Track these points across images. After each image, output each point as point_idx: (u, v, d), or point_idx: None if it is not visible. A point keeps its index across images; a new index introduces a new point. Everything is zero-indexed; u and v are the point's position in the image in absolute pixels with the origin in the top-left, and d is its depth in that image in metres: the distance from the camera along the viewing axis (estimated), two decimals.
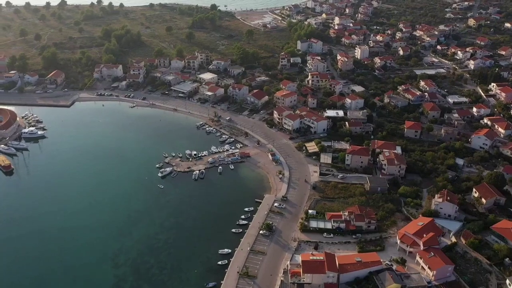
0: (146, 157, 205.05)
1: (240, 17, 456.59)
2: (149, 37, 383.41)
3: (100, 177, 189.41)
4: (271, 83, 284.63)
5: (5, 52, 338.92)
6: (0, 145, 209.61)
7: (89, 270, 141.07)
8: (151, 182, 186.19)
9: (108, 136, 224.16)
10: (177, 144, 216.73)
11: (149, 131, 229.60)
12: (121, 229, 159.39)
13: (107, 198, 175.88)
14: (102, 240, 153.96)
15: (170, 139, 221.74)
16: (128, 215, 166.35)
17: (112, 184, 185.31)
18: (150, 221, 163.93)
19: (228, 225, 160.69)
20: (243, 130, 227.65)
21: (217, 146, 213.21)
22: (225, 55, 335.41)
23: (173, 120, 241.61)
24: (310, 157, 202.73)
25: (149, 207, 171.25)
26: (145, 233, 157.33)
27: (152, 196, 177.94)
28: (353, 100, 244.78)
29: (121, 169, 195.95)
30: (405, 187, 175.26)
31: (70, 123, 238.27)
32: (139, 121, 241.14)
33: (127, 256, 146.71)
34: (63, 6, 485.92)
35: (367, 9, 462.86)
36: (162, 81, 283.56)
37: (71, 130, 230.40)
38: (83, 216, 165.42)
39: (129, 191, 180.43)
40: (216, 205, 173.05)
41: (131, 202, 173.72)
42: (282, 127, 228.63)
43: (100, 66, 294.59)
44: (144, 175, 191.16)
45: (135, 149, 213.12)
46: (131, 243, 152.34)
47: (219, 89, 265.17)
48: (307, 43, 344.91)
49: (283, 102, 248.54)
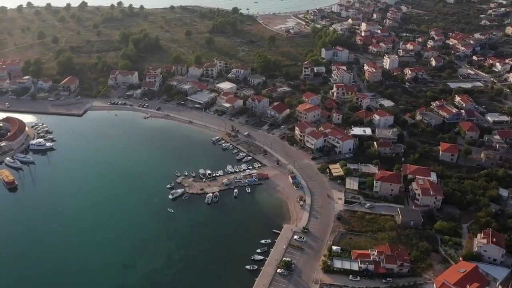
0: (157, 176, 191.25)
1: (262, 21, 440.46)
2: (167, 41, 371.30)
3: (107, 198, 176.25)
4: (293, 94, 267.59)
5: (21, 56, 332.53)
6: (6, 158, 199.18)
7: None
8: (160, 205, 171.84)
9: (119, 151, 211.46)
10: (191, 161, 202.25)
11: (162, 146, 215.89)
12: (126, 260, 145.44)
13: (113, 223, 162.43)
14: (104, 272, 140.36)
15: (184, 155, 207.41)
16: (134, 244, 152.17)
17: (119, 206, 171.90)
18: (157, 252, 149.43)
19: (242, 260, 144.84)
20: (261, 148, 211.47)
21: (233, 165, 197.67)
22: (245, 63, 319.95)
23: (187, 134, 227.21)
24: (334, 181, 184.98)
25: (157, 235, 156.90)
26: (151, 267, 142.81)
27: (160, 222, 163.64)
28: (382, 117, 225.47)
29: (130, 188, 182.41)
30: (442, 222, 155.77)
31: (80, 134, 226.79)
32: (152, 134, 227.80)
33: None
34: (83, 7, 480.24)
35: (396, 14, 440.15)
36: (178, 90, 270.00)
37: (81, 142, 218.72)
38: (85, 243, 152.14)
39: (137, 215, 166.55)
40: (229, 235, 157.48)
41: (138, 229, 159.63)
42: (304, 145, 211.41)
43: (115, 73, 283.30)
44: (154, 196, 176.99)
45: (146, 165, 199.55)
46: (135, 279, 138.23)
47: (238, 101, 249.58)
48: (332, 51, 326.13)
49: (305, 117, 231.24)
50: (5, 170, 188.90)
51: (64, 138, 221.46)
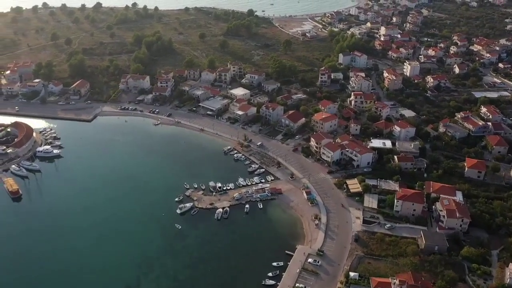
0: (165, 187, 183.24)
1: (278, 24, 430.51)
2: (181, 44, 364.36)
3: (113, 211, 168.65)
4: (308, 102, 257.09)
5: (34, 57, 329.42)
6: (12, 166, 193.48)
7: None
8: (168, 220, 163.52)
9: (127, 159, 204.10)
10: (201, 172, 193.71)
11: (171, 155, 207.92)
12: (129, 281, 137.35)
13: (117, 240, 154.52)
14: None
15: (194, 165, 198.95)
16: (138, 262, 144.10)
17: (125, 220, 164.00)
18: (163, 272, 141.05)
19: (253, 285, 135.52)
20: (275, 159, 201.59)
21: (245, 178, 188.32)
22: (260, 67, 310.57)
23: (198, 142, 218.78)
24: (351, 198, 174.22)
25: (163, 253, 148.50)
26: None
27: (167, 239, 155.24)
28: (403, 129, 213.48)
29: (137, 201, 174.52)
30: (470, 248, 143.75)
31: (88, 141, 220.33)
32: (162, 142, 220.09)
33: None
34: (98, 8, 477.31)
35: (417, 18, 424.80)
36: (190, 95, 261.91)
37: (89, 149, 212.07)
38: (87, 260, 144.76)
39: (143, 231, 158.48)
40: (239, 256, 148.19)
41: (144, 246, 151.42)
42: (320, 157, 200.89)
43: (126, 77, 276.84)
44: (161, 210, 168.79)
45: (155, 176, 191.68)
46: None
47: (251, 108, 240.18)
48: (350, 57, 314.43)
49: (321, 126, 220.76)
50: (10, 178, 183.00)
51: (72, 145, 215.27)
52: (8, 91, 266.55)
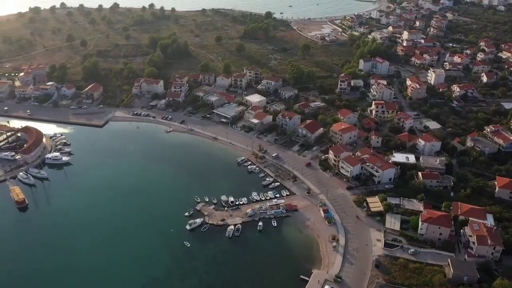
0: (175, 200, 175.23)
1: (296, 27, 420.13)
2: (197, 47, 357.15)
3: (121, 225, 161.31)
4: (327, 110, 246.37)
5: (49, 59, 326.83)
6: (19, 173, 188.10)
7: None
8: (176, 237, 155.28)
9: (137, 169, 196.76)
10: (213, 184, 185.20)
11: (183, 165, 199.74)
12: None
13: (122, 254, 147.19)
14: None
15: (206, 177, 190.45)
16: (143, 284, 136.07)
17: (131, 234, 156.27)
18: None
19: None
20: (291, 173, 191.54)
21: (259, 192, 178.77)
22: (277, 72, 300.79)
23: (211, 152, 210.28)
24: (372, 218, 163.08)
25: (170, 274, 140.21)
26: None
27: (175, 258, 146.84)
28: (428, 142, 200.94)
29: (145, 214, 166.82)
30: (503, 280, 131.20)
31: (99, 148, 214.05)
32: (173, 151, 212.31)
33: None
34: (115, 9, 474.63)
35: (441, 22, 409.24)
36: (204, 101, 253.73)
37: (99, 157, 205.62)
38: (90, 279, 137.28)
39: (150, 248, 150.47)
40: (251, 279, 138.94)
41: (150, 264, 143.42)
42: (339, 171, 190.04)
43: (140, 81, 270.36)
44: (170, 226, 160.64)
45: (165, 187, 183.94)
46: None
47: (267, 116, 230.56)
48: (371, 63, 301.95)
49: (340, 138, 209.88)
50: (17, 187, 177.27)
51: (82, 152, 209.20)
52: (21, 93, 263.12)
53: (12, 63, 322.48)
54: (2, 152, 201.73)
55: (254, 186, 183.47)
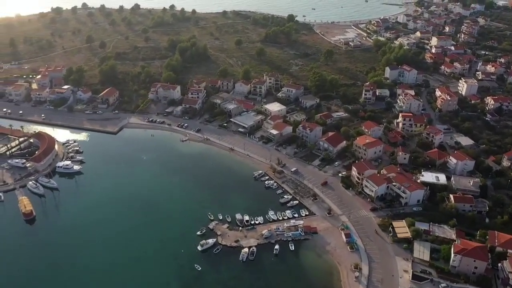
0: (187, 216, 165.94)
1: (319, 31, 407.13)
2: (216, 50, 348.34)
3: (129, 243, 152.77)
4: (350, 122, 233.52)
5: (67, 61, 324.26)
6: (29, 182, 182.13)
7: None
8: (187, 259, 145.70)
9: (149, 181, 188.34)
10: (228, 200, 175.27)
11: (197, 177, 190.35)
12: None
13: (129, 276, 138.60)
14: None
15: (220, 191, 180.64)
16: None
17: (140, 254, 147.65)
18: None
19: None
20: (311, 190, 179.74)
21: (276, 211, 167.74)
22: (298, 79, 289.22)
23: (227, 164, 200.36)
24: (399, 244, 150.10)
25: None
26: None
27: (185, 283, 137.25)
28: (460, 161, 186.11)
29: (156, 231, 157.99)
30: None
31: (111, 156, 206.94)
32: (188, 162, 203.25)
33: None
34: (136, 10, 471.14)
35: (472, 28, 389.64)
36: (222, 109, 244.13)
37: (111, 166, 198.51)
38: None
39: (159, 270, 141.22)
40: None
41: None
42: (362, 190, 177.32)
43: (156, 86, 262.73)
44: (181, 245, 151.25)
45: (178, 202, 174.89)
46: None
47: (286, 127, 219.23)
48: (398, 71, 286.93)
49: (364, 153, 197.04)
50: (25, 198, 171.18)
51: (94, 160, 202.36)
52: (37, 97, 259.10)
53: (31, 64, 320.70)
54: (14, 159, 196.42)
55: (271, 204, 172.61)
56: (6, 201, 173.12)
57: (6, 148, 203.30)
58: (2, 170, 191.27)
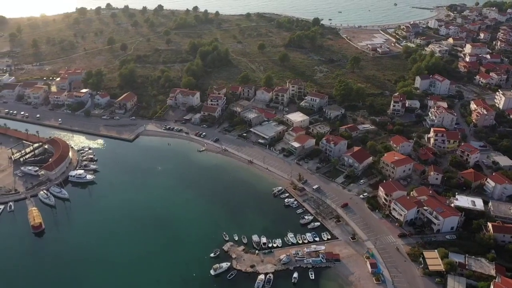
0: (201, 236, 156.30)
1: (345, 35, 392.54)
2: (238, 54, 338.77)
3: (138, 261, 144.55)
4: (377, 135, 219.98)
5: (88, 63, 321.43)
6: (40, 191, 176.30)
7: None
8: (199, 283, 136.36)
9: (163, 194, 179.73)
10: (244, 218, 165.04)
11: (213, 192, 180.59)
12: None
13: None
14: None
15: (237, 208, 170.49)
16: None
17: (149, 276, 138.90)
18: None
19: None
20: (334, 211, 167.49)
21: (296, 233, 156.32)
22: (322, 87, 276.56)
23: (245, 178, 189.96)
24: (430, 278, 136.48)
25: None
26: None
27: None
28: (499, 184, 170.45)
29: (167, 251, 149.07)
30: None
31: (126, 165, 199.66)
32: (204, 174, 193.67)
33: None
34: (159, 12, 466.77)
35: (509, 34, 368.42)
36: (242, 118, 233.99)
37: (124, 176, 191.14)
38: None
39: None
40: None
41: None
42: (390, 213, 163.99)
43: (175, 92, 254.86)
44: (192, 268, 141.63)
45: (192, 219, 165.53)
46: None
47: (309, 140, 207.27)
48: (429, 81, 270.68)
49: (393, 171, 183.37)
50: (35, 209, 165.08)
51: (108, 169, 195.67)
52: (55, 100, 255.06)
53: (52, 65, 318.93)
54: (27, 166, 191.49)
55: (291, 225, 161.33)
56: (16, 211, 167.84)
57: (20, 154, 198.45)
58: (15, 177, 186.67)
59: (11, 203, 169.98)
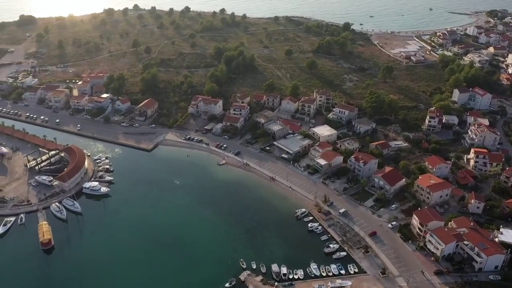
0: (216, 261, 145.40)
1: (377, 42, 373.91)
2: (264, 59, 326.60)
3: (148, 284, 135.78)
4: (411, 153, 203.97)
5: (111, 65, 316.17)
6: (52, 204, 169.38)
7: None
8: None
9: (179, 212, 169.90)
10: (264, 244, 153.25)
11: (232, 212, 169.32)
12: None
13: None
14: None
15: (256, 232, 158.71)
16: None
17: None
18: None
19: None
20: (362, 240, 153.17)
21: (319, 264, 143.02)
22: (351, 97, 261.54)
23: (266, 197, 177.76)
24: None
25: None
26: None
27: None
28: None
29: (178, 278, 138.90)
30: None
31: (143, 177, 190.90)
32: (223, 191, 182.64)
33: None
34: (185, 13, 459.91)
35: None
36: (265, 130, 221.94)
37: (140, 190, 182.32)
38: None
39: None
40: None
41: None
42: (425, 245, 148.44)
43: (197, 99, 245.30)
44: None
45: (208, 240, 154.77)
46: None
47: (336, 157, 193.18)
48: (468, 94, 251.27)
49: (428, 196, 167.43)
50: (45, 223, 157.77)
51: (124, 181, 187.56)
52: (75, 105, 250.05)
53: (76, 67, 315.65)
54: (41, 175, 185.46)
55: (314, 253, 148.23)
56: (27, 224, 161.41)
57: (36, 162, 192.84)
58: (29, 186, 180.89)
59: (22, 215, 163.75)
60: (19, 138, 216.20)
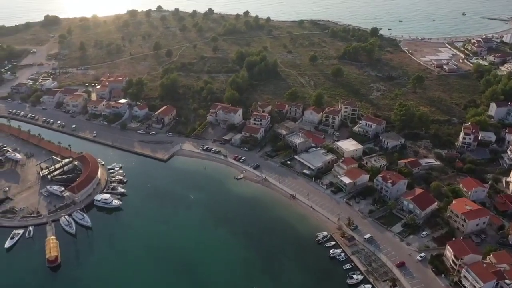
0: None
1: (406, 48, 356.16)
2: (287, 65, 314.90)
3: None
4: (443, 172, 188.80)
5: (132, 69, 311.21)
6: (62, 217, 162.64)
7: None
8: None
9: (192, 230, 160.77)
10: (281, 271, 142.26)
11: (247, 232, 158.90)
12: None
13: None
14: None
15: (273, 256, 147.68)
16: None
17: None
18: None
19: None
20: (389, 272, 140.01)
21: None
22: (379, 108, 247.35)
23: (285, 218, 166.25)
24: None
25: None
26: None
27: None
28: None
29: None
30: None
31: (156, 191, 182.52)
32: (240, 208, 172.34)
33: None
34: (209, 16, 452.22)
35: None
36: (286, 142, 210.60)
37: (153, 205, 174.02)
38: None
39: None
40: None
41: None
42: (459, 281, 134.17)
43: (217, 107, 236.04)
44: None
45: (220, 265, 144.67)
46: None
47: (362, 176, 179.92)
48: (507, 108, 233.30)
49: (463, 223, 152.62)
50: (53, 238, 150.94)
51: (137, 194, 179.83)
52: (92, 109, 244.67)
53: (96, 70, 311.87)
54: (53, 185, 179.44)
55: (336, 284, 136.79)
56: (35, 237, 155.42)
57: (48, 170, 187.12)
58: (40, 197, 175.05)
59: (30, 228, 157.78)
60: (34, 144, 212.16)
